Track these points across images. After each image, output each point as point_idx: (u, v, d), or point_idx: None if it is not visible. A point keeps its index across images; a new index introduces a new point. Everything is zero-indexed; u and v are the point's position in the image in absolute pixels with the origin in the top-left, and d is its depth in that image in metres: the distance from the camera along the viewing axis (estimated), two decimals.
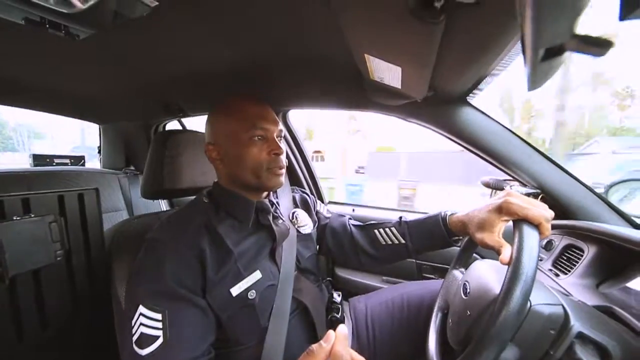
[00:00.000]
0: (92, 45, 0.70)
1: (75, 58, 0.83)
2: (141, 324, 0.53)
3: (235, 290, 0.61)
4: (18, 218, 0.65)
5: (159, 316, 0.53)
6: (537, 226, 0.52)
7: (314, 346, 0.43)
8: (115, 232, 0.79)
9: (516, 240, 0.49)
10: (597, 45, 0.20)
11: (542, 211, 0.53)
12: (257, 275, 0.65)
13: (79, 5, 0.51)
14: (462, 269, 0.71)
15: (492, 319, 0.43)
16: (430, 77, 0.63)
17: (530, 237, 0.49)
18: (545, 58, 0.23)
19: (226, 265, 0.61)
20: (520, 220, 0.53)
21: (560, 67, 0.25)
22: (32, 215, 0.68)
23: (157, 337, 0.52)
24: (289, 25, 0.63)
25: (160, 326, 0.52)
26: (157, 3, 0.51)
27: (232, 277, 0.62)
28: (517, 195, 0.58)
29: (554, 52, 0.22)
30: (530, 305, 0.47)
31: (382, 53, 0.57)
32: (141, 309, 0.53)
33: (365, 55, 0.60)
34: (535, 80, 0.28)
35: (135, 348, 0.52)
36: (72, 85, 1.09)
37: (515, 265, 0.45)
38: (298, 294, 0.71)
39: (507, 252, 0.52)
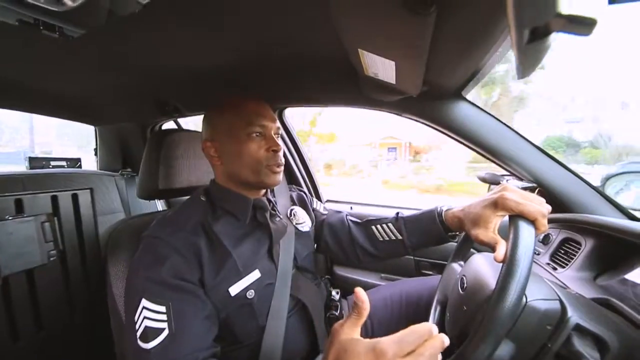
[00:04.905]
0: (86, 46, 0.70)
1: (69, 59, 0.82)
2: (145, 317, 0.52)
3: (233, 290, 0.61)
4: (10, 218, 0.65)
5: (162, 308, 0.52)
6: (533, 222, 0.50)
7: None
8: (111, 232, 0.78)
9: (511, 237, 0.48)
10: (583, 24, 0.20)
11: (538, 207, 0.51)
12: (256, 274, 0.64)
13: (69, 3, 0.50)
14: (461, 262, 0.70)
15: (487, 316, 0.43)
16: (424, 71, 0.63)
17: (526, 234, 0.47)
18: (531, 40, 0.23)
19: (224, 266, 0.61)
20: (516, 216, 0.51)
21: (549, 51, 0.25)
22: (25, 215, 0.68)
23: (163, 330, 0.51)
24: (283, 22, 0.63)
25: (165, 318, 0.52)
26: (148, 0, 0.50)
27: (230, 276, 0.61)
28: (513, 190, 0.56)
29: (540, 34, 0.22)
30: (526, 301, 0.46)
31: (376, 47, 0.57)
32: (144, 302, 0.53)
33: (359, 50, 0.60)
34: (525, 66, 0.28)
35: (140, 343, 0.51)
36: (66, 87, 1.09)
37: (509, 263, 0.44)
38: (296, 292, 0.71)
39: (501, 249, 0.50)
